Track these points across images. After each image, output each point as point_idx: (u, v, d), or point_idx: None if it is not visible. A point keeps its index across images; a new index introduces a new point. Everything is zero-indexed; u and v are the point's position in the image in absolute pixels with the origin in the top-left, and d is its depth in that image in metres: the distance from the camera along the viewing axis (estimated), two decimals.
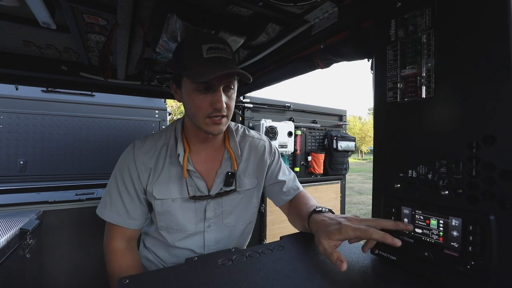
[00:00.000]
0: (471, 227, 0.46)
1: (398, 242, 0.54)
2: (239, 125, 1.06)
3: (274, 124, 1.84)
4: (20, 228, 1.01)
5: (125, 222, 0.87)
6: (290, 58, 1.12)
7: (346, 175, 2.49)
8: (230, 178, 0.91)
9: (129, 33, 1.01)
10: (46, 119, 2.42)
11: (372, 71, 0.69)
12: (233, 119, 1.86)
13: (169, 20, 0.91)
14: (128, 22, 0.92)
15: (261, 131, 1.80)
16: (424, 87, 0.55)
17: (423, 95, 0.55)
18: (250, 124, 1.91)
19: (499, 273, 0.43)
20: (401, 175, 0.58)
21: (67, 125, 2.49)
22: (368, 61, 0.78)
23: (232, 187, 0.92)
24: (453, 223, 0.48)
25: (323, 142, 2.35)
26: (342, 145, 2.24)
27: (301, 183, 2.15)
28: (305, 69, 1.05)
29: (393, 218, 0.59)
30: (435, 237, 0.51)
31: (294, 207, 0.95)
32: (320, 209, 0.76)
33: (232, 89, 0.81)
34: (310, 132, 2.31)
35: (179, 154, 0.87)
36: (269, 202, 1.91)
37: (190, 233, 0.90)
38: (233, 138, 0.96)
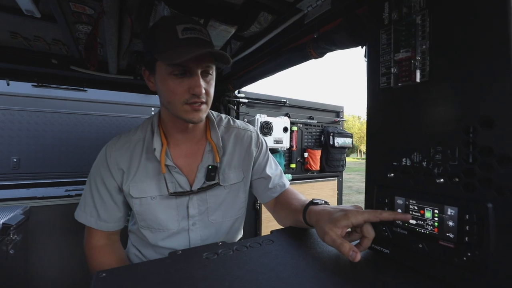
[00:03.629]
0: (467, 216, 0.43)
1: (408, 216, 0.51)
2: (223, 115, 1.02)
3: (269, 119, 1.81)
4: (3, 223, 0.98)
5: (97, 224, 0.85)
6: (283, 49, 1.08)
7: (345, 174, 2.46)
8: (211, 172, 0.87)
9: (117, 22, 0.98)
10: (40, 116, 2.39)
11: (365, 59, 0.67)
12: (228, 114, 1.83)
13: (157, 8, 0.88)
14: (115, 10, 0.88)
15: (255, 126, 1.77)
16: (419, 70, 0.52)
17: (418, 79, 0.52)
18: (245, 120, 1.88)
19: (497, 265, 0.40)
20: (395, 164, 0.55)
21: (61, 122, 2.45)
22: (362, 48, 0.75)
23: (215, 181, 0.88)
24: (449, 213, 0.46)
25: (319, 138, 2.32)
26: (339, 141, 2.22)
27: (297, 179, 2.13)
28: (298, 60, 1.02)
29: (386, 209, 0.56)
30: (429, 228, 0.48)
31: (282, 203, 0.91)
32: (317, 201, 0.73)
33: (211, 74, 0.78)
34: (307, 128, 2.29)
35: (155, 149, 0.83)
36: None
37: (173, 232, 0.87)
38: (215, 129, 0.92)
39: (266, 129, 1.78)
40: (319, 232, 0.60)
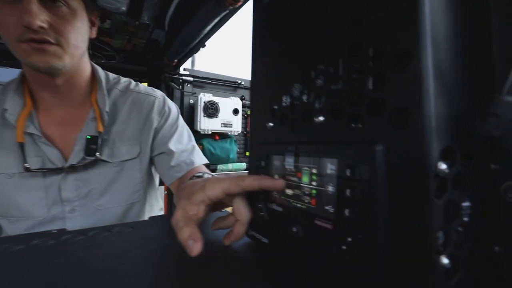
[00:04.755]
0: (348, 173, 0.25)
1: (278, 182, 0.33)
2: (123, 78, 0.82)
3: (216, 99, 1.61)
4: None
5: None
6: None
7: None
8: (91, 144, 0.67)
9: None
10: None
11: None
12: (171, 94, 1.61)
13: None
14: None
15: (198, 106, 1.56)
16: None
17: None
18: (191, 101, 1.66)
19: (389, 257, 0.22)
20: (275, 107, 0.36)
21: None
22: None
23: (95, 157, 0.68)
24: (328, 170, 0.27)
25: None
26: None
27: None
28: (216, 11, 0.83)
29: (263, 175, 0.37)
30: (306, 199, 0.30)
31: (182, 184, 0.72)
32: (200, 174, 0.54)
33: (65, 5, 0.57)
34: None
35: (5, 110, 0.62)
36: None
37: (41, 221, 0.66)
38: (102, 91, 0.71)
39: (211, 109, 1.57)
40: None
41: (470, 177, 0.21)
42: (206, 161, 0.82)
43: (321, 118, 0.28)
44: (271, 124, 0.36)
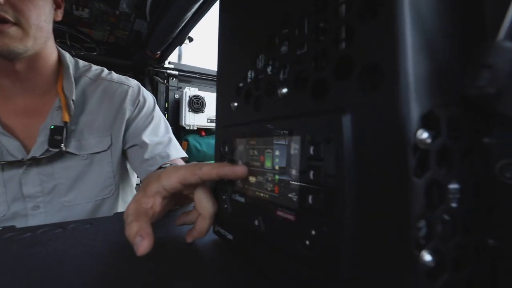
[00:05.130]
0: (311, 151, 0.20)
1: (239, 169, 0.28)
2: (95, 66, 0.76)
3: (202, 93, 1.55)
4: None
5: None
6: None
7: None
8: (55, 134, 0.62)
9: None
10: None
11: None
12: (156, 88, 1.55)
13: None
14: None
15: (183, 100, 1.50)
16: None
17: None
18: (176, 96, 1.60)
19: (357, 252, 0.17)
20: (241, 85, 0.32)
21: None
22: None
23: (59, 149, 0.62)
24: (291, 150, 0.22)
25: None
26: None
27: None
28: None
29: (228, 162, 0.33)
30: (269, 186, 0.25)
31: None
32: (167, 165, 0.50)
33: None
34: None
35: None
36: None
37: (0, 218, 0.61)
38: (69, 78, 0.66)
39: (197, 104, 1.51)
40: None
41: (459, 152, 0.17)
42: (184, 154, 0.77)
43: (285, 90, 0.24)
44: (235, 104, 0.32)
